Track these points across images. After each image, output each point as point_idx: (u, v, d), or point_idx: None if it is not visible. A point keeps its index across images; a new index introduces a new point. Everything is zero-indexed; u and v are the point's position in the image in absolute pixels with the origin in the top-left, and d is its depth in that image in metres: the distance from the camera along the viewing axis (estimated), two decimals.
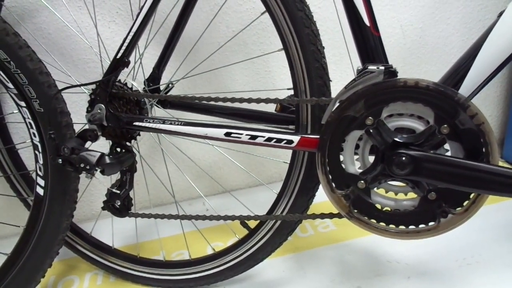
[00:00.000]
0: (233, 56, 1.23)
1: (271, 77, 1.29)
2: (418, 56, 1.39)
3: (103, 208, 0.85)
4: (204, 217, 0.83)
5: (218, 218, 0.83)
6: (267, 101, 0.73)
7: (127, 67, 0.81)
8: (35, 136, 0.83)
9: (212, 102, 0.77)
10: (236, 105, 0.84)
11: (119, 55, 0.79)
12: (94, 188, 1.29)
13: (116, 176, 0.85)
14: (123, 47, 0.79)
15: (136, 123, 0.79)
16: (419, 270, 0.98)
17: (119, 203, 0.84)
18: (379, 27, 0.69)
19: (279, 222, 0.86)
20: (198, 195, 1.37)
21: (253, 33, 1.22)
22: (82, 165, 0.77)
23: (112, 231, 1.06)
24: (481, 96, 1.51)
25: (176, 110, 0.94)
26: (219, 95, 0.76)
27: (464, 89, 0.62)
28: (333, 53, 1.27)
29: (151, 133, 0.83)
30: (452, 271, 0.97)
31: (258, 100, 0.73)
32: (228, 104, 0.78)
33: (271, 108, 0.87)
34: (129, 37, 0.78)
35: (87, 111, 0.81)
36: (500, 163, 0.60)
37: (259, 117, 0.89)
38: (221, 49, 1.18)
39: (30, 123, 0.82)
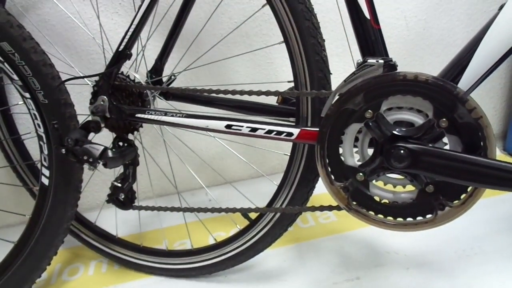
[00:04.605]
0: (236, 48, 1.23)
1: (273, 69, 1.29)
2: (422, 48, 1.38)
3: (107, 202, 0.87)
4: (205, 210, 0.85)
5: (219, 210, 0.84)
6: (268, 93, 0.73)
7: (129, 59, 0.82)
8: (39, 127, 0.84)
9: (214, 94, 0.78)
10: (238, 97, 0.85)
11: (121, 47, 0.80)
12: (98, 179, 1.30)
13: (119, 169, 0.86)
14: (125, 39, 0.80)
15: (139, 115, 0.80)
16: (418, 261, 0.99)
17: (123, 196, 0.85)
18: (383, 18, 0.69)
19: (279, 213, 0.87)
20: (200, 186, 1.37)
21: (255, 24, 1.21)
22: (85, 158, 0.78)
23: (116, 221, 1.07)
24: (485, 88, 1.50)
25: (178, 102, 0.95)
26: (220, 87, 0.76)
27: (464, 83, 0.62)
28: (335, 45, 1.27)
29: (153, 125, 0.84)
30: (451, 263, 0.98)
31: (259, 93, 0.73)
32: (230, 96, 0.79)
33: (272, 100, 0.87)
34: (131, 29, 0.79)
35: (90, 103, 0.82)
36: (502, 156, 0.60)
37: (260, 109, 0.90)
38: (224, 41, 1.18)
39: (34, 114, 0.84)
